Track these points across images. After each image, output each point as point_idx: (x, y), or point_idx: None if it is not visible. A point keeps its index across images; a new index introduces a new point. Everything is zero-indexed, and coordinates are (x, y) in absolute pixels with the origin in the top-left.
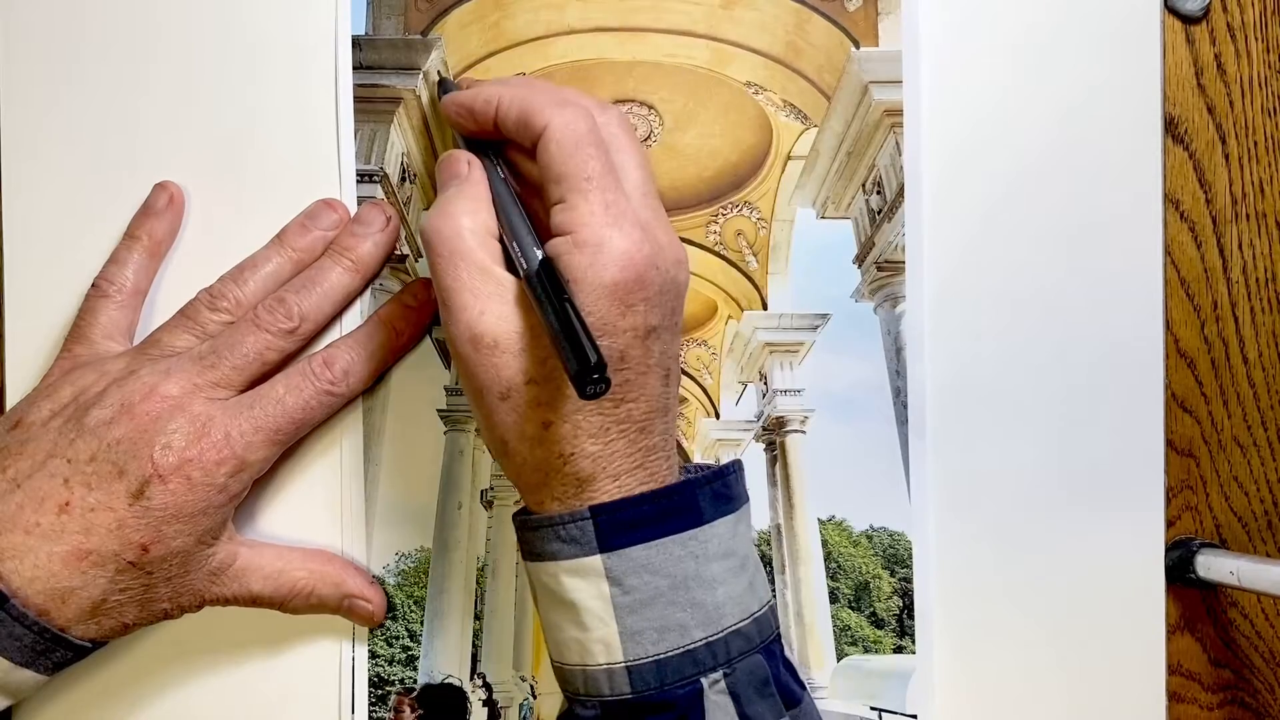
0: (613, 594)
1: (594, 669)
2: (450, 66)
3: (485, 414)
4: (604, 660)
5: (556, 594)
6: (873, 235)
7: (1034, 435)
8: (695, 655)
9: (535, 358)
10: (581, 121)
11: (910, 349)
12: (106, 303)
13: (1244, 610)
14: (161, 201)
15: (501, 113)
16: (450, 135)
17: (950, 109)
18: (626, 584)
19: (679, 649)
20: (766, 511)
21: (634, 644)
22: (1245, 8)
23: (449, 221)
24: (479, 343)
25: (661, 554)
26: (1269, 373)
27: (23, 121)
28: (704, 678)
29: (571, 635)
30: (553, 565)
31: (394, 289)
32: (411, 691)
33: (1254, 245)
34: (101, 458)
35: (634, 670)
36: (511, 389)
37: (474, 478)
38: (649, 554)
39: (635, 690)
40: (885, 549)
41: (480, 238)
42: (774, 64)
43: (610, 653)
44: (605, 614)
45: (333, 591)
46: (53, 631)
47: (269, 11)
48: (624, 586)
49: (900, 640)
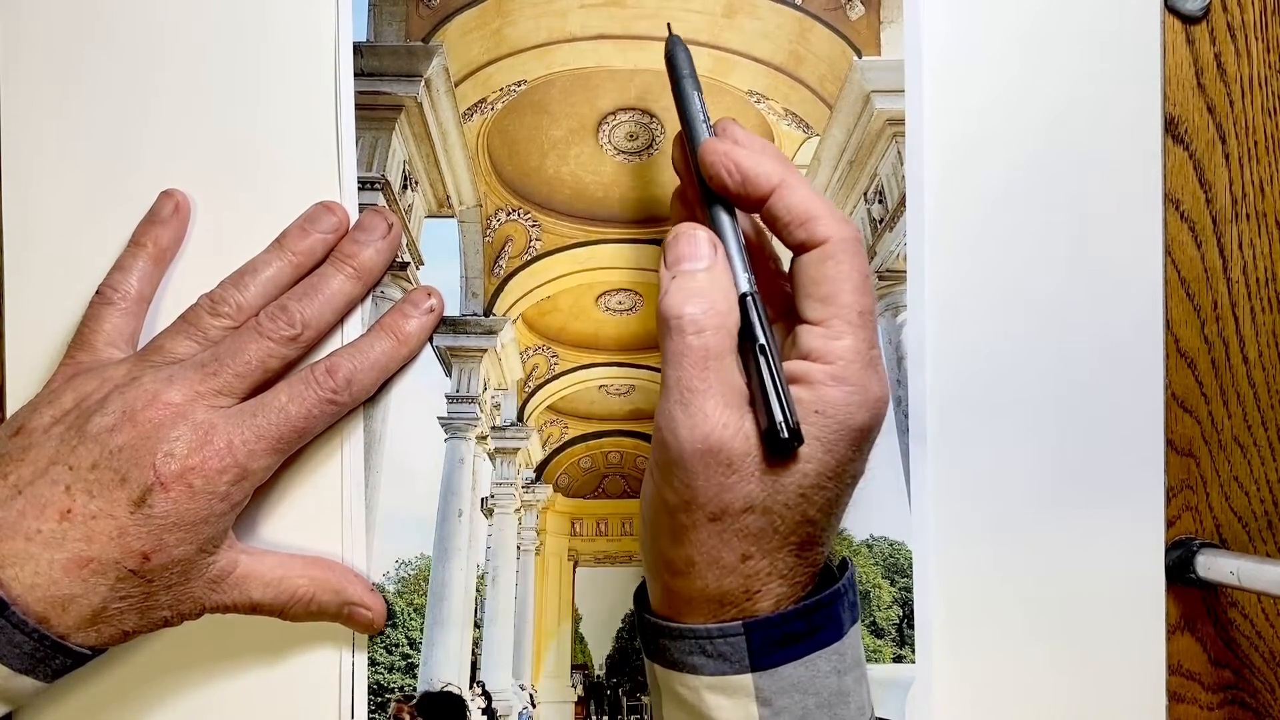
0: (763, 715)
1: None
2: (452, 73)
3: (682, 530)
4: None
5: (694, 708)
6: (874, 244)
7: (1034, 438)
8: None
9: (764, 487)
10: (862, 248)
11: (911, 358)
12: (111, 310)
13: (1244, 610)
14: (167, 209)
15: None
16: (464, 150)
17: (952, 118)
18: (778, 704)
19: None
20: None
21: None
22: (1245, 8)
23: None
24: (714, 457)
25: (811, 671)
26: (1269, 373)
27: (25, 127)
28: None
29: None
30: (694, 679)
31: (395, 296)
32: (411, 699)
33: (1254, 245)
34: (103, 465)
35: None
36: (729, 513)
37: (474, 486)
38: (800, 672)
39: None
40: (885, 558)
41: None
42: (776, 73)
43: None
44: None
45: (333, 599)
46: (52, 639)
47: (271, 18)
48: (774, 707)
49: (900, 649)
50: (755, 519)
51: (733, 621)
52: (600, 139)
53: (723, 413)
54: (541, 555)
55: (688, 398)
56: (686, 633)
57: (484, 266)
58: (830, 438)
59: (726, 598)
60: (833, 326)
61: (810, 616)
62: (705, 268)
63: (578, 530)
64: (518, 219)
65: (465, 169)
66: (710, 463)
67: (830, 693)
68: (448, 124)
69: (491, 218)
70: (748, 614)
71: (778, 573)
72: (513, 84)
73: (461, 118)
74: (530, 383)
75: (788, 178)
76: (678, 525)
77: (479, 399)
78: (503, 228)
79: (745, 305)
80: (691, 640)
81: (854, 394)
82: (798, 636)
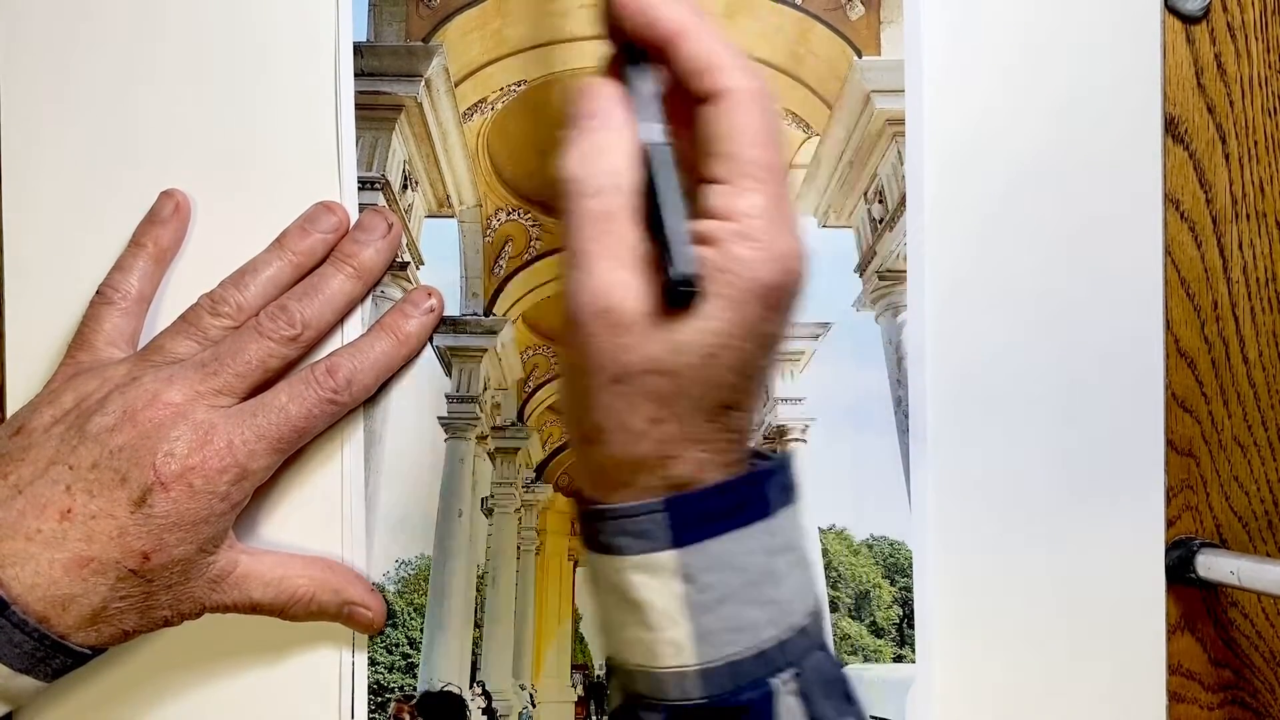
0: (686, 592)
1: (661, 671)
2: (452, 74)
3: (586, 396)
4: (673, 662)
5: (621, 590)
6: (874, 244)
7: (1034, 438)
8: (767, 655)
9: (665, 346)
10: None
11: (911, 358)
12: (111, 310)
13: (1244, 610)
14: (167, 209)
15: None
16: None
17: (952, 118)
18: (701, 581)
19: (752, 649)
20: None
21: (706, 645)
22: (1245, 8)
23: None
24: (608, 317)
25: (737, 547)
26: (1269, 373)
27: (25, 127)
28: (775, 678)
29: (635, 635)
30: (618, 560)
31: (396, 296)
32: (411, 699)
33: (1254, 245)
34: (103, 465)
35: (706, 673)
36: (629, 374)
37: (474, 485)
38: (726, 548)
39: (707, 694)
40: (885, 558)
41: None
42: (776, 73)
43: (680, 654)
44: (677, 613)
45: (333, 599)
46: (53, 638)
47: (271, 18)
48: (699, 584)
49: (900, 649)
50: (658, 380)
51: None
52: None
53: (617, 273)
54: (542, 555)
55: (582, 260)
56: (609, 513)
57: (484, 266)
58: (737, 295)
59: (642, 465)
60: (737, 183)
61: (730, 492)
62: (601, 125)
63: (578, 530)
64: (518, 219)
65: (465, 169)
66: (605, 323)
67: (758, 571)
68: (448, 124)
69: (491, 218)
70: (670, 484)
71: (692, 438)
72: (513, 84)
73: (461, 118)
74: (530, 382)
75: (690, 25)
76: (583, 390)
77: (479, 399)
78: (503, 228)
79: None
80: (613, 520)
81: (760, 249)
82: (719, 514)
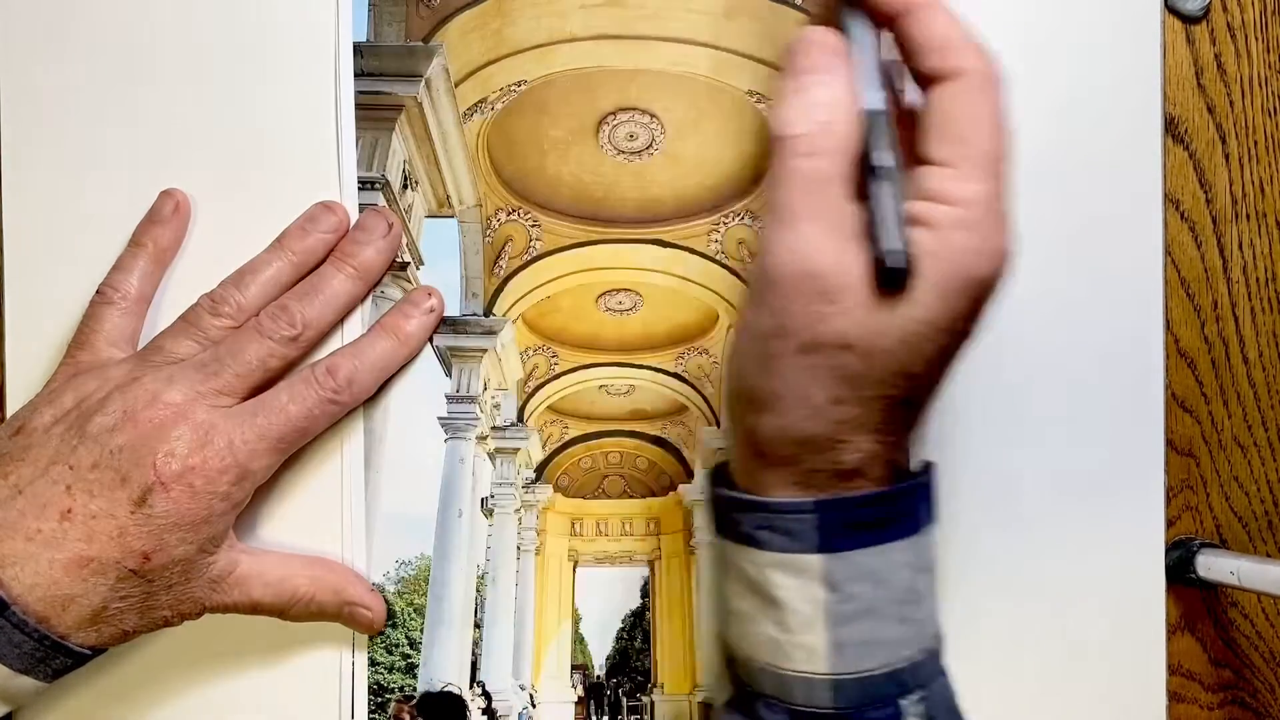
0: (828, 600)
1: (790, 674)
2: (452, 74)
3: (768, 361)
4: (804, 668)
5: (759, 585)
6: None
7: (1034, 436)
8: (900, 675)
9: (866, 324)
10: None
11: None
12: (111, 310)
13: (1244, 610)
14: (167, 209)
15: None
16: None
17: None
18: (846, 590)
19: (887, 667)
20: None
21: (841, 656)
22: (1245, 8)
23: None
24: (811, 283)
25: (885, 562)
26: (1269, 373)
27: (25, 128)
28: (905, 699)
29: (767, 632)
30: (759, 555)
31: (396, 296)
32: (411, 699)
33: (1254, 245)
34: (104, 465)
35: (838, 685)
36: (821, 345)
37: (474, 486)
38: (874, 561)
39: (835, 705)
40: None
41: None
42: (776, 73)
43: (813, 661)
44: (815, 619)
45: (333, 599)
46: (53, 639)
47: (271, 19)
48: (843, 593)
49: None
50: (850, 358)
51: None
52: (600, 139)
53: (826, 238)
54: (542, 555)
55: (788, 219)
56: (757, 505)
57: (484, 266)
58: (947, 284)
59: (812, 443)
60: (962, 168)
61: (886, 504)
62: (825, 81)
63: (578, 530)
64: (518, 219)
65: (465, 169)
66: (806, 289)
67: (903, 588)
68: (448, 124)
69: (491, 218)
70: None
71: (869, 425)
72: (513, 84)
73: (461, 118)
74: (530, 383)
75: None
76: (767, 353)
77: (479, 399)
78: (503, 228)
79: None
80: (760, 514)
81: (978, 241)
82: (871, 523)
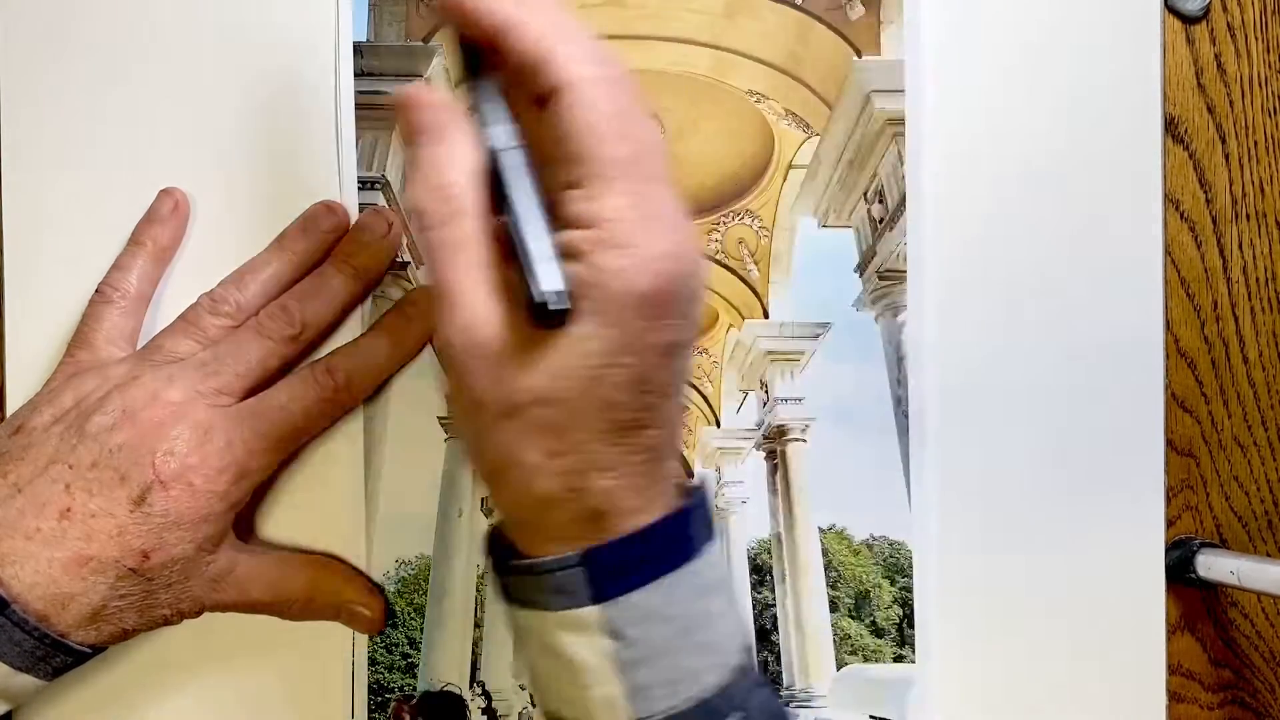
0: (615, 649)
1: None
2: (451, 74)
3: (479, 434)
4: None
5: (550, 647)
6: (874, 244)
7: (1034, 438)
8: (710, 704)
9: (544, 374)
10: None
11: (911, 358)
12: (110, 309)
13: (1244, 610)
14: (167, 208)
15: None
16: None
17: (952, 118)
18: (629, 636)
19: (693, 700)
20: (767, 520)
21: (643, 700)
22: (1245, 8)
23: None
24: (478, 352)
25: (665, 597)
26: (1269, 373)
27: (24, 127)
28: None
29: (567, 692)
30: (544, 616)
31: (395, 296)
32: (411, 699)
33: (1254, 245)
34: (103, 464)
35: None
36: (515, 408)
37: (475, 485)
38: (652, 599)
39: None
40: (885, 558)
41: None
42: (776, 73)
43: (614, 711)
44: (606, 671)
45: (333, 598)
46: (52, 637)
47: (271, 18)
48: (626, 639)
49: (900, 649)
50: (545, 410)
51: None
52: None
53: (484, 305)
54: None
55: (444, 296)
56: (525, 568)
57: None
58: (612, 310)
59: (549, 501)
60: (591, 186)
61: (651, 538)
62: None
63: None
64: None
65: None
66: (477, 358)
67: (689, 617)
68: None
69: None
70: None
71: (597, 466)
72: None
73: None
74: None
75: (515, 15)
76: (476, 429)
77: None
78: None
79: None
80: (530, 576)
81: (629, 257)
82: (640, 561)
